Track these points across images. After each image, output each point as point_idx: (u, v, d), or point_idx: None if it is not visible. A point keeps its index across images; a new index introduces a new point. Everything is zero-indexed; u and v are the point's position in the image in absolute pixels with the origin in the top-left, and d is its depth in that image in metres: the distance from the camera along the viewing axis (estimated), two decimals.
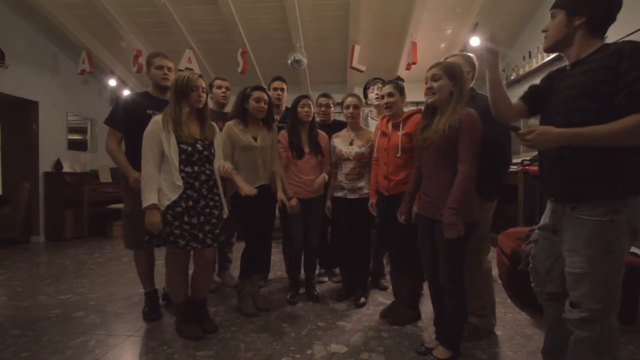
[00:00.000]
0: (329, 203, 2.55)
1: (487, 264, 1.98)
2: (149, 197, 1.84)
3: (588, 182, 1.20)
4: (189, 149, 1.92)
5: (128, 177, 2.13)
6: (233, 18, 4.34)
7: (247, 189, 2.10)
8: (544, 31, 1.34)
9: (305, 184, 2.46)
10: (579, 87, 1.21)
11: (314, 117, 2.51)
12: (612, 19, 1.25)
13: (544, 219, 1.42)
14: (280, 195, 2.36)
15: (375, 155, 2.30)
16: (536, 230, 1.49)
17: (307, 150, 2.47)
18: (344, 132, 2.58)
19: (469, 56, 2.00)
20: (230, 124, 2.32)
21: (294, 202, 2.37)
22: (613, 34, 1.32)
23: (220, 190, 2.08)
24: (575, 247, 1.23)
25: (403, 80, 2.37)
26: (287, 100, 3.00)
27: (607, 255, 1.18)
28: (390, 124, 2.17)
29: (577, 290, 1.23)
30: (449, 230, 1.55)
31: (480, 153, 1.61)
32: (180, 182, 1.88)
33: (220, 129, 2.31)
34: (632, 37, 2.51)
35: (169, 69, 2.30)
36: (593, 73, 1.18)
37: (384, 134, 2.19)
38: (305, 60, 4.76)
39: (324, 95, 2.79)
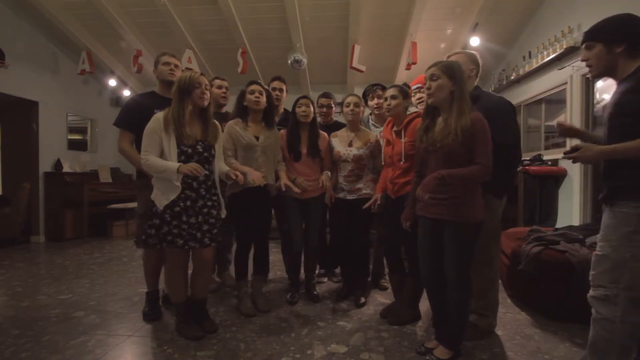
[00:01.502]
0: (331, 193, 2.44)
1: (497, 263, 1.97)
2: (170, 166, 1.84)
3: (627, 182, 1.30)
4: (190, 150, 1.92)
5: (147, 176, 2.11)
6: (233, 18, 4.34)
7: (256, 176, 2.17)
8: (583, 60, 1.45)
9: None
10: (616, 106, 1.34)
11: (314, 119, 2.46)
12: None
13: None
14: (284, 179, 2.33)
15: (383, 162, 2.30)
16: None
17: (304, 152, 2.44)
18: (342, 132, 2.55)
19: (472, 54, 1.99)
20: (231, 123, 2.34)
21: (297, 186, 2.34)
22: None
23: (219, 190, 2.08)
24: (603, 235, 1.35)
25: (409, 87, 2.36)
26: (287, 101, 2.99)
27: (628, 243, 1.27)
28: (393, 132, 2.17)
29: (596, 269, 1.36)
30: (422, 188, 1.64)
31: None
32: (178, 183, 1.88)
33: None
34: None
35: (176, 66, 2.33)
36: (627, 94, 1.30)
37: (388, 142, 2.20)
38: (305, 60, 4.76)
39: (325, 95, 2.75)
